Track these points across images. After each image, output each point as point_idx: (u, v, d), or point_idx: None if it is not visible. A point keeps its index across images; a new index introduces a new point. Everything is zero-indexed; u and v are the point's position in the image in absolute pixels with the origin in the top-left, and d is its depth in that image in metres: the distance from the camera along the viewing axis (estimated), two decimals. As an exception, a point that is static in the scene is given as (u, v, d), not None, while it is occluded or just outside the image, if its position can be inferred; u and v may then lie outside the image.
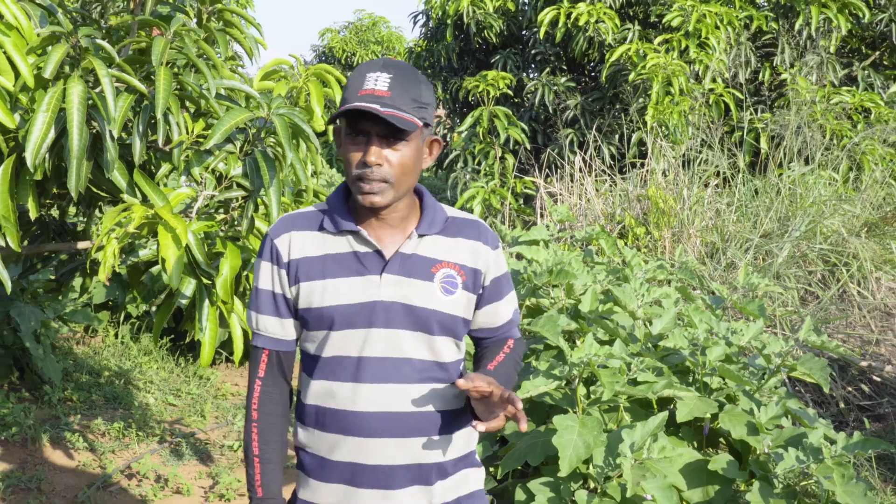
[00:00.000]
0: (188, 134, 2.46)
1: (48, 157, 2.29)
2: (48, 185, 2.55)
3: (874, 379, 4.75)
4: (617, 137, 7.92)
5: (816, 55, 8.18)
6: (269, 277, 1.68)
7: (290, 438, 1.73)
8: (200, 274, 2.47)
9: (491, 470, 2.92)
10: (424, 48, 10.51)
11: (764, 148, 7.45)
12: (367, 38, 22.52)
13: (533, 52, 9.29)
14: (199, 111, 2.61)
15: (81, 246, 2.86)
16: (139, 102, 2.39)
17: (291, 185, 2.96)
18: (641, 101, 7.56)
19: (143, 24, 2.48)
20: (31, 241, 3.04)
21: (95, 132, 2.31)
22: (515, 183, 7.57)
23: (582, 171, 6.81)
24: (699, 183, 6.37)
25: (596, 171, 7.00)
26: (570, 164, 7.05)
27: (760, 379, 2.95)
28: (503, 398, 1.53)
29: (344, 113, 1.56)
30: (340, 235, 1.65)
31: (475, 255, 1.70)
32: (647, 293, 3.09)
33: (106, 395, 4.79)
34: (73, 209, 3.25)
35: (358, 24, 22.99)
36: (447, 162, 8.46)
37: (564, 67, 9.27)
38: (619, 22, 8.26)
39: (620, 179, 6.65)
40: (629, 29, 8.26)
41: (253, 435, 1.70)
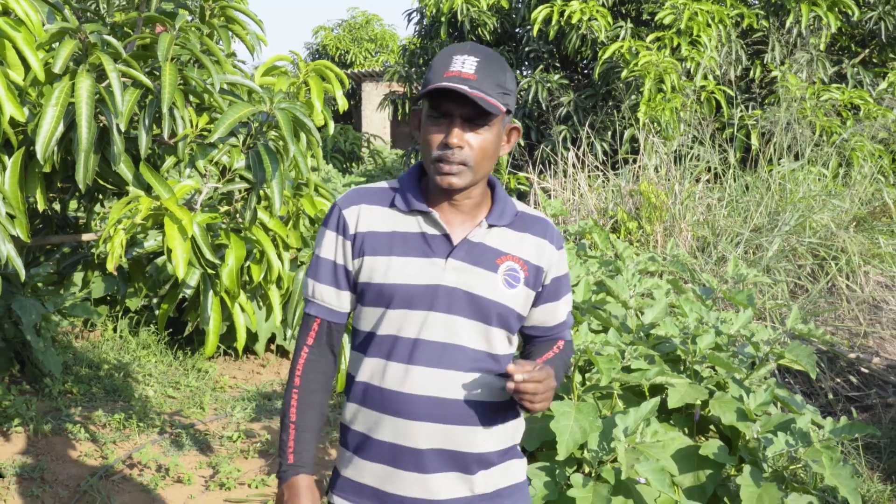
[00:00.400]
0: (193, 127, 2.52)
1: (56, 150, 2.35)
2: (55, 177, 2.60)
3: (862, 370, 4.83)
4: (610, 134, 7.98)
5: (806, 53, 8.25)
6: (332, 247, 1.67)
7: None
8: (205, 264, 2.53)
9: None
10: (419, 46, 10.55)
11: (754, 144, 7.52)
12: (360, 35, 22.56)
13: (526, 49, 9.35)
14: (201, 105, 2.67)
15: (86, 238, 2.92)
16: (144, 97, 2.44)
17: (291, 179, 3.01)
18: (634, 98, 7.62)
19: (147, 20, 2.53)
20: (34, 234, 3.09)
21: (102, 126, 2.36)
22: (510, 179, 7.63)
23: (575, 167, 6.88)
24: (690, 178, 6.44)
25: (589, 167, 7.07)
26: (563, 160, 7.12)
27: (750, 367, 3.02)
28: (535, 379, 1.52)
29: (428, 93, 1.54)
30: (411, 215, 1.64)
31: (540, 252, 1.69)
32: (638, 283, 3.16)
33: (106, 387, 4.84)
34: (73, 204, 3.29)
35: (351, 21, 23.03)
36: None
37: (558, 65, 9.33)
38: (611, 20, 8.31)
39: (613, 175, 6.71)
40: (622, 27, 8.31)
41: (292, 401, 1.68)
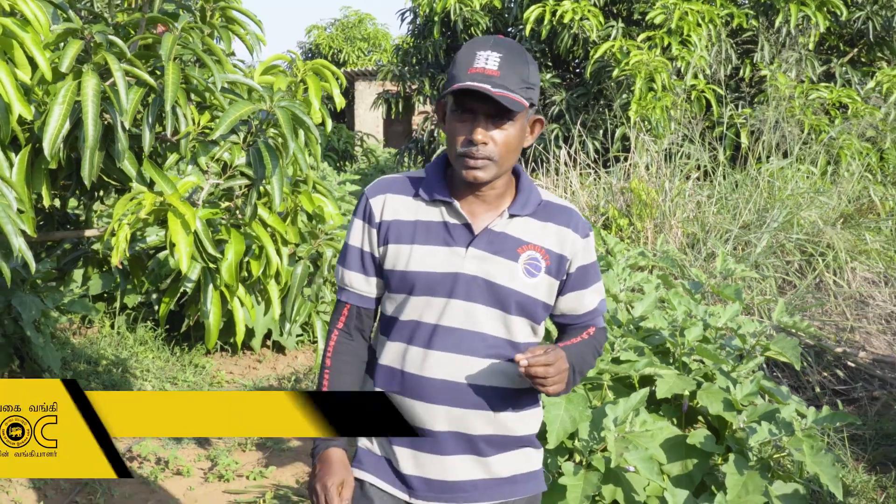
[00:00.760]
0: (195, 125, 2.58)
1: (62, 147, 2.41)
2: (59, 174, 2.67)
3: (848, 364, 4.92)
4: (601, 132, 8.05)
5: (795, 52, 8.33)
6: (359, 235, 1.73)
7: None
8: (206, 258, 2.60)
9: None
10: (412, 45, 10.62)
11: (744, 142, 7.58)
12: (353, 34, 22.58)
13: (518, 48, 9.41)
14: (202, 104, 2.74)
15: (89, 234, 2.98)
16: (147, 95, 2.51)
17: (289, 176, 3.08)
18: (625, 96, 7.69)
19: (150, 20, 2.60)
20: (37, 230, 3.14)
21: (107, 123, 2.43)
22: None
23: (567, 164, 6.95)
24: (681, 176, 6.51)
25: (581, 164, 7.13)
26: (555, 158, 7.18)
27: (737, 359, 3.09)
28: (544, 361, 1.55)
29: (453, 90, 1.58)
30: (434, 205, 1.69)
31: (562, 241, 1.70)
32: (628, 278, 3.24)
33: (104, 382, 4.90)
34: (73, 201, 3.35)
35: (344, 20, 23.04)
36: (435, 156, 8.56)
37: (550, 64, 9.39)
38: (603, 19, 8.37)
39: (604, 173, 6.77)
40: (613, 26, 8.37)
41: (324, 381, 1.74)
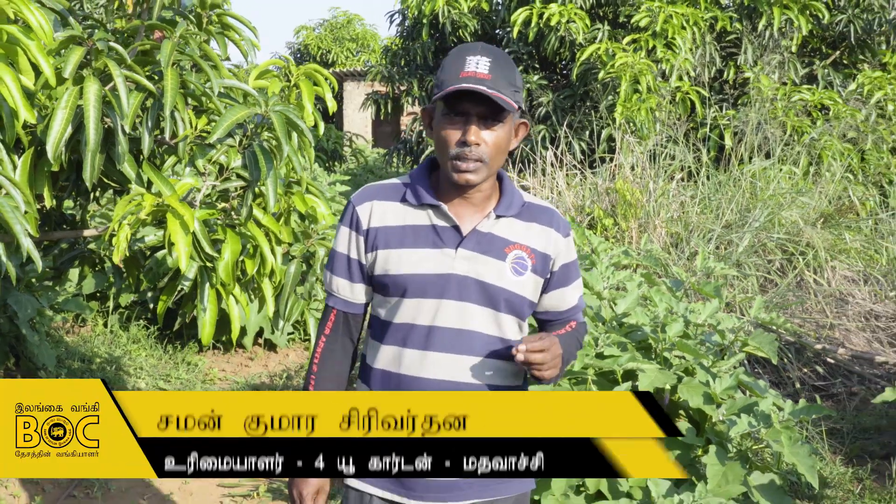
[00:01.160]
0: (192, 129, 2.67)
1: (64, 150, 2.49)
2: (60, 176, 2.75)
3: (828, 361, 5.04)
4: (587, 133, 8.13)
5: (778, 54, 8.44)
6: (346, 242, 1.77)
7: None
8: (204, 258, 2.68)
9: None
10: (401, 46, 10.69)
11: (727, 143, 7.68)
12: (342, 35, 22.62)
13: (506, 51, 9.49)
14: (199, 108, 2.82)
15: (87, 234, 3.06)
16: (146, 100, 2.59)
17: (283, 177, 3.17)
18: (611, 98, 7.78)
19: (149, 27, 2.68)
20: (36, 230, 3.22)
21: (108, 127, 2.51)
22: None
23: (553, 165, 7.04)
24: (665, 177, 6.61)
25: (567, 165, 7.22)
26: (542, 159, 7.27)
27: (717, 355, 3.20)
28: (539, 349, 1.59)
29: (449, 92, 1.62)
30: (421, 209, 1.72)
31: (547, 240, 1.76)
32: (612, 276, 3.34)
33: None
34: (68, 202, 3.42)
35: (333, 21, 23.08)
36: (424, 157, 8.66)
37: (537, 66, 9.48)
38: (589, 22, 8.45)
39: (590, 173, 6.86)
40: (599, 29, 8.44)
41: (310, 386, 1.80)
